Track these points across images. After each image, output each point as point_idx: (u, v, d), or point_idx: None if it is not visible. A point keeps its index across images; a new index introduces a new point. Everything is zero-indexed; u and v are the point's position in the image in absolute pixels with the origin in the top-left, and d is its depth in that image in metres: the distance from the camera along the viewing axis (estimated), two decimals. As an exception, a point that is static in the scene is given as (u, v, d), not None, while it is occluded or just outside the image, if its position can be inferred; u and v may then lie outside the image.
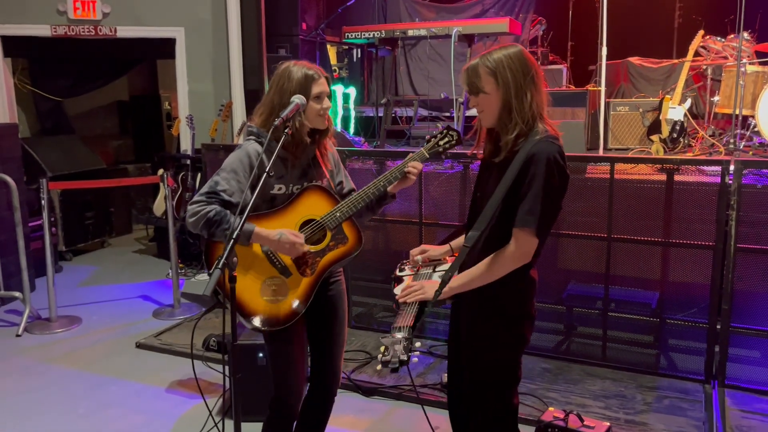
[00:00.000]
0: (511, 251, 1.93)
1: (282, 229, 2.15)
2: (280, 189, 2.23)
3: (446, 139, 2.33)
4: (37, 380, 3.80)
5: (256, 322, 2.20)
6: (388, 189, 2.32)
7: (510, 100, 1.93)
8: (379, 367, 1.76)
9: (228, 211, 2.12)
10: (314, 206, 2.23)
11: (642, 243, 3.76)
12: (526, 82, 1.93)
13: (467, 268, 2.00)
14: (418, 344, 1.81)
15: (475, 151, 2.17)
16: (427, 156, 2.31)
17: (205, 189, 2.16)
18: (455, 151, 2.40)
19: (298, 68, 2.20)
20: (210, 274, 1.80)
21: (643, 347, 3.85)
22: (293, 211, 2.22)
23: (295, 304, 2.22)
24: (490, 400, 2.09)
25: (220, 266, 1.77)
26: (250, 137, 2.24)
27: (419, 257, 2.25)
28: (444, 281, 1.95)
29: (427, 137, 2.38)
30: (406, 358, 1.73)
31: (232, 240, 1.84)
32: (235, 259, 1.85)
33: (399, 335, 1.81)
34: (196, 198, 2.16)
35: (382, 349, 1.77)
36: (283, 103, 2.16)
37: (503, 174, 1.92)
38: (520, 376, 2.12)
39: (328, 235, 2.24)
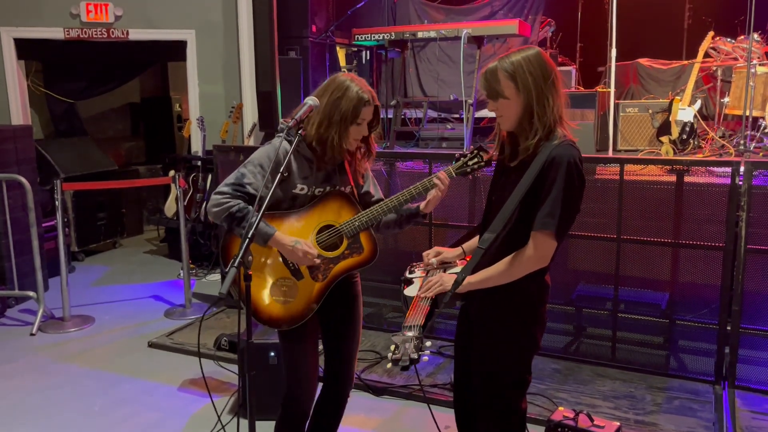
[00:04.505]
0: (530, 254, 1.91)
1: (299, 239, 2.17)
2: (302, 189, 2.24)
3: (475, 160, 2.25)
4: (52, 379, 3.85)
5: (264, 321, 2.23)
6: (422, 209, 2.29)
7: (532, 105, 1.90)
8: (389, 365, 1.76)
9: (250, 207, 2.14)
10: (335, 212, 2.24)
11: (652, 244, 3.77)
12: (546, 86, 1.90)
13: (480, 270, 1.99)
14: (428, 344, 1.81)
15: (491, 154, 2.16)
16: (454, 175, 2.24)
17: (231, 180, 2.18)
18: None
19: (355, 87, 2.17)
20: (226, 272, 1.83)
21: (653, 348, 3.85)
22: (314, 215, 2.24)
23: (303, 307, 2.24)
24: (499, 404, 2.08)
25: (235, 265, 1.80)
26: (280, 134, 2.22)
27: (434, 259, 2.25)
28: (458, 282, 1.95)
29: (457, 155, 2.30)
30: (416, 357, 1.73)
31: (248, 240, 1.86)
32: (250, 257, 1.88)
33: (410, 333, 1.82)
34: (221, 188, 2.18)
35: (392, 347, 1.78)
36: (330, 116, 2.14)
37: (520, 177, 1.91)
38: (530, 381, 2.11)
39: (345, 242, 2.24)
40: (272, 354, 3.23)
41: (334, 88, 2.17)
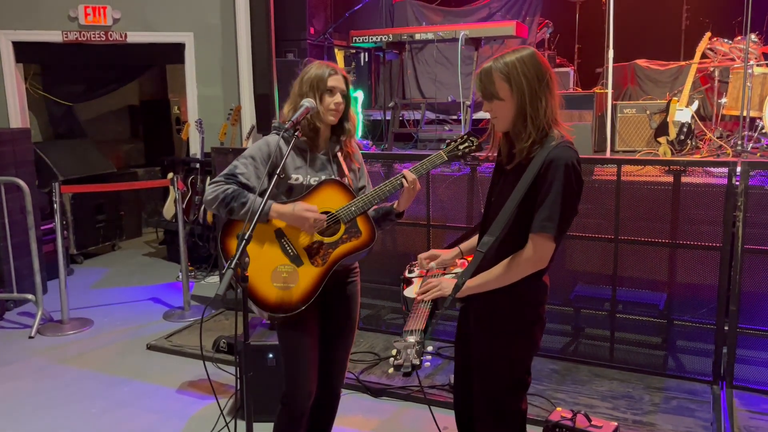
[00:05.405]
0: (529, 256, 1.91)
1: (296, 203, 2.23)
2: (297, 179, 2.30)
3: (466, 144, 2.34)
4: (51, 381, 3.85)
5: (265, 308, 2.26)
6: (396, 207, 2.38)
7: (525, 107, 1.88)
8: (391, 370, 1.76)
9: (242, 189, 2.23)
10: (330, 199, 2.28)
11: (649, 244, 3.77)
12: (541, 87, 1.88)
13: (480, 273, 1.99)
14: (429, 348, 1.81)
15: (488, 155, 2.17)
16: (446, 158, 2.32)
17: (224, 171, 2.28)
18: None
19: (318, 64, 2.34)
20: (223, 273, 1.84)
21: (650, 348, 3.85)
22: (309, 203, 2.27)
23: (304, 292, 2.26)
24: (499, 405, 2.08)
25: (232, 266, 1.81)
26: (273, 131, 2.35)
27: (432, 264, 2.25)
28: (458, 285, 1.95)
29: (448, 141, 2.38)
30: (418, 363, 1.73)
31: (245, 241, 1.87)
32: (247, 259, 1.89)
33: (411, 339, 1.81)
34: (215, 179, 2.27)
35: (394, 352, 1.78)
36: (302, 94, 2.28)
37: (519, 179, 1.90)
38: (530, 381, 2.11)
39: (342, 227, 2.28)
40: (270, 355, 3.23)
41: (301, 72, 2.35)
